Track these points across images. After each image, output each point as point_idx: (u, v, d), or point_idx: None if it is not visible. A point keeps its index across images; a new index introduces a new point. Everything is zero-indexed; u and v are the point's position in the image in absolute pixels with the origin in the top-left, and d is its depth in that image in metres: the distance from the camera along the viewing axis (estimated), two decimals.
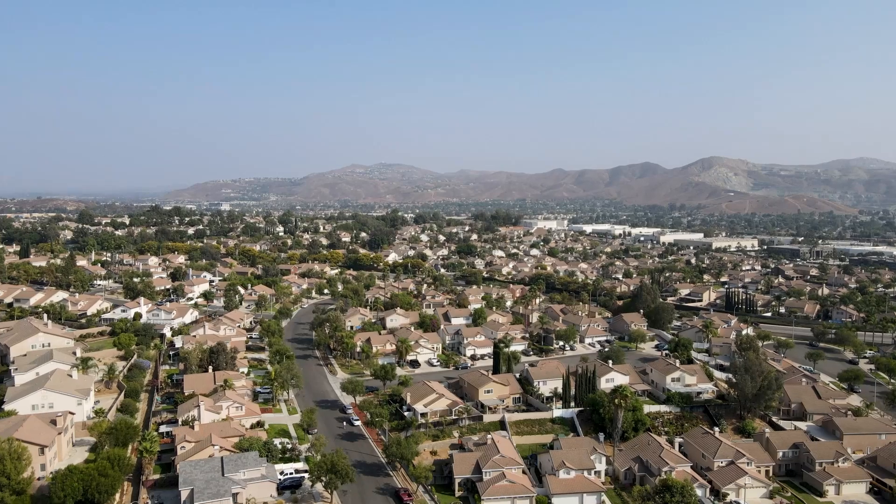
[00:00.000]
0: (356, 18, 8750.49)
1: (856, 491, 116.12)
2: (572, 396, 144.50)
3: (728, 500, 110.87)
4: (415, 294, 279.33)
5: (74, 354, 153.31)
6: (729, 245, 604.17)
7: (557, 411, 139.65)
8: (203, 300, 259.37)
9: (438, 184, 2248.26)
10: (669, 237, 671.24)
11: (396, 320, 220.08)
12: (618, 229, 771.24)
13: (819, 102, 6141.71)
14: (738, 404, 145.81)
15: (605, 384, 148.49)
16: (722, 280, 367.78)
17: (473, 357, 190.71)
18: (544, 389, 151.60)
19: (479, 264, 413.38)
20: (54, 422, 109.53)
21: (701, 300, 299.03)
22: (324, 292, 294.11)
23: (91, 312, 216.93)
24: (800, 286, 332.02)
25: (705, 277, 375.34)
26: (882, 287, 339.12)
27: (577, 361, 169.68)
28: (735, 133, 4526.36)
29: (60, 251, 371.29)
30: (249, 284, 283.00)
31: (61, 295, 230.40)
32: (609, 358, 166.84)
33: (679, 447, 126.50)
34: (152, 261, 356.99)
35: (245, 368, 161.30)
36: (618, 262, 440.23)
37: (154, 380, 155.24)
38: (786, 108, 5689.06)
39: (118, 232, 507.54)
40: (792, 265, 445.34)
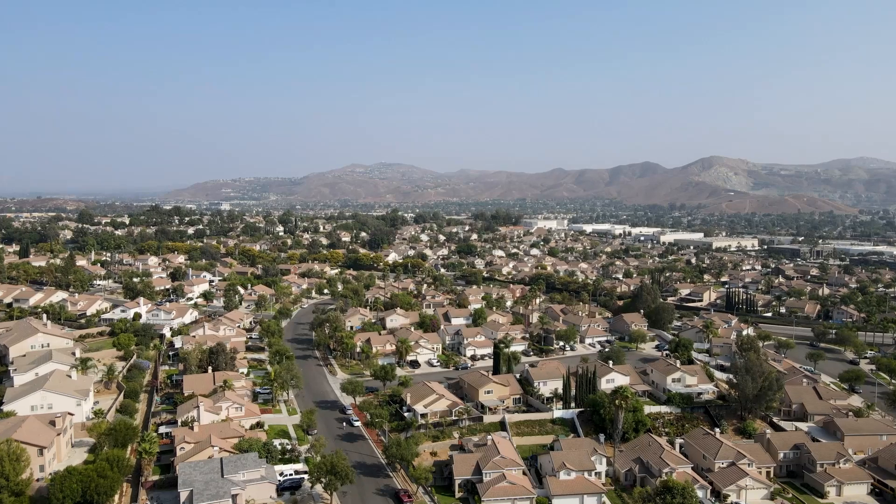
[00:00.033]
0: (356, 18, 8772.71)
1: (857, 492, 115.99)
2: (573, 397, 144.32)
3: (729, 502, 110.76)
4: (415, 294, 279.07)
5: (74, 355, 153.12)
6: (729, 245, 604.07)
7: (558, 412, 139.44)
8: (203, 300, 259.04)
9: (438, 183, 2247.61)
10: (669, 237, 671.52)
11: (396, 320, 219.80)
12: (618, 229, 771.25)
13: (819, 102, 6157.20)
14: (739, 405, 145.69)
15: (606, 385, 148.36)
16: (722, 280, 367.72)
17: (473, 357, 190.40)
18: (544, 390, 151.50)
19: (479, 264, 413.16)
20: (53, 423, 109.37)
21: (701, 300, 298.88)
22: (324, 292, 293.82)
23: (90, 312, 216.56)
24: (800, 286, 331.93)
25: (705, 277, 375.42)
26: (882, 287, 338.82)
27: (578, 362, 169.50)
28: (735, 133, 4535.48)
29: (60, 251, 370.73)
30: (249, 284, 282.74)
31: (61, 295, 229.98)
32: (609, 358, 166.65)
33: (680, 448, 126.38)
34: (152, 261, 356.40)
35: (245, 369, 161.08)
36: (618, 262, 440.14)
37: (153, 380, 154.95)
38: (786, 108, 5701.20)
39: (118, 232, 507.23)
40: (792, 265, 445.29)
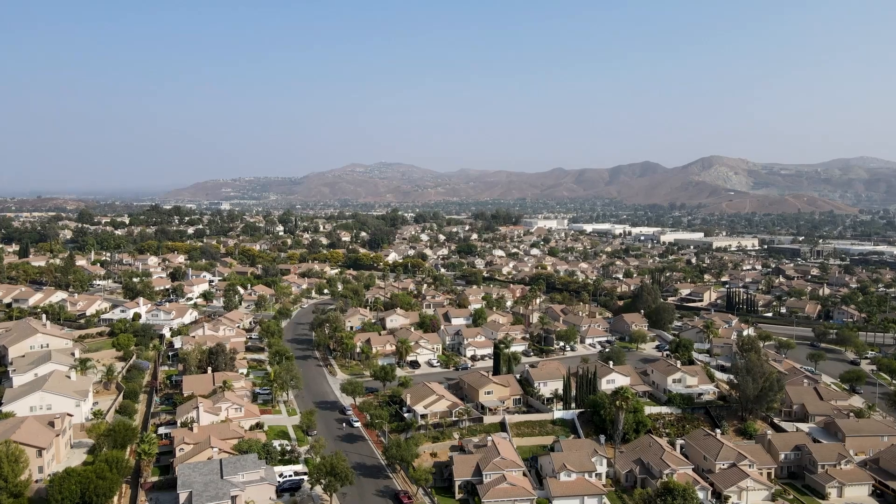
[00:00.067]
0: (356, 18, 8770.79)
1: (858, 493, 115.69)
2: (573, 398, 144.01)
3: (730, 503, 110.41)
4: (415, 294, 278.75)
5: (73, 355, 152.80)
6: (729, 244, 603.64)
7: (558, 413, 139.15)
8: (202, 300, 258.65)
9: (438, 183, 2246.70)
10: (670, 236, 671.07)
11: (396, 321, 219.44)
12: (618, 229, 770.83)
13: (819, 102, 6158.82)
14: (740, 406, 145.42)
15: (606, 385, 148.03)
16: (722, 280, 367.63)
17: (473, 358, 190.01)
18: (545, 391, 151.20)
19: (480, 264, 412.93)
20: (52, 423, 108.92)
21: (702, 300, 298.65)
22: (324, 292, 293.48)
23: (90, 313, 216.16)
24: (801, 286, 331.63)
25: (706, 277, 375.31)
26: (883, 287, 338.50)
27: (578, 362, 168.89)
28: (735, 133, 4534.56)
29: (60, 251, 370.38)
30: (249, 284, 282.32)
31: (60, 295, 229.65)
32: (610, 359, 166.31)
33: (680, 449, 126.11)
34: (152, 260, 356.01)
35: (244, 369, 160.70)
36: (618, 262, 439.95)
37: (153, 381, 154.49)
38: (786, 108, 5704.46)
39: (118, 231, 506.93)
40: (792, 265, 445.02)
